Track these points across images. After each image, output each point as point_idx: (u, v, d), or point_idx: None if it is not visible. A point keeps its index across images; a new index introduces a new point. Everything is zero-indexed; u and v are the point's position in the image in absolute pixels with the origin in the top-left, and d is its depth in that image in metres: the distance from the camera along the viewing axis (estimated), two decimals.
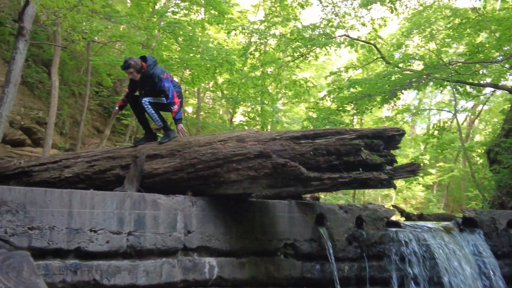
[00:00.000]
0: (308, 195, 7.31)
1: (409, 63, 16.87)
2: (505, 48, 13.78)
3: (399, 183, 25.22)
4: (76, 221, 4.64)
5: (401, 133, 5.78)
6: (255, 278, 5.66)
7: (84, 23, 15.18)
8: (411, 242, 6.41)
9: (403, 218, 9.31)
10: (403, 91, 14.82)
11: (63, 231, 4.55)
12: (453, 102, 22.24)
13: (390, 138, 5.69)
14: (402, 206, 24.01)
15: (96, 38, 19.51)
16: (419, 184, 26.44)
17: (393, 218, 7.23)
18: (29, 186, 5.35)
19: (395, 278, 6.36)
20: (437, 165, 29.53)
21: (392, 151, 5.81)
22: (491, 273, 6.69)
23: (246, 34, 19.61)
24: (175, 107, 6.30)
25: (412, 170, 5.83)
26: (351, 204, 6.90)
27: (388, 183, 5.41)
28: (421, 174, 23.46)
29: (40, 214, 4.48)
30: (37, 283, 0.68)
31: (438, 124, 20.48)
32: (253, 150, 5.14)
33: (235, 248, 5.58)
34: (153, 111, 6.38)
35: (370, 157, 5.37)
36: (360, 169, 5.32)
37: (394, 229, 6.63)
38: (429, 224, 7.24)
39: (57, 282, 4.46)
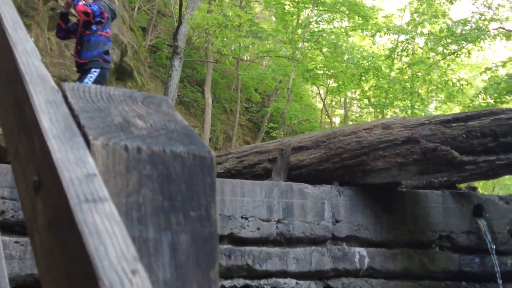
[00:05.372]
0: (464, 186, 6.85)
1: None
2: None
3: None
4: (228, 209, 4.88)
5: None
6: (409, 271, 5.42)
7: (232, 41, 15.97)
8: None
9: None
10: None
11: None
12: None
13: None
14: None
15: (244, 57, 20.50)
16: None
17: None
18: None
19: None
20: None
21: None
22: None
23: (391, 34, 19.13)
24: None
25: None
26: None
27: None
28: None
29: None
30: (175, 114, 0.74)
31: None
32: (400, 136, 5.02)
33: (386, 239, 5.42)
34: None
35: None
36: None
37: None
38: None
39: None
